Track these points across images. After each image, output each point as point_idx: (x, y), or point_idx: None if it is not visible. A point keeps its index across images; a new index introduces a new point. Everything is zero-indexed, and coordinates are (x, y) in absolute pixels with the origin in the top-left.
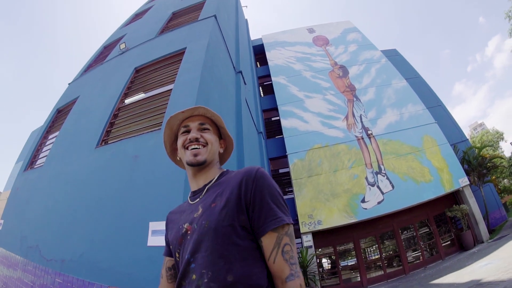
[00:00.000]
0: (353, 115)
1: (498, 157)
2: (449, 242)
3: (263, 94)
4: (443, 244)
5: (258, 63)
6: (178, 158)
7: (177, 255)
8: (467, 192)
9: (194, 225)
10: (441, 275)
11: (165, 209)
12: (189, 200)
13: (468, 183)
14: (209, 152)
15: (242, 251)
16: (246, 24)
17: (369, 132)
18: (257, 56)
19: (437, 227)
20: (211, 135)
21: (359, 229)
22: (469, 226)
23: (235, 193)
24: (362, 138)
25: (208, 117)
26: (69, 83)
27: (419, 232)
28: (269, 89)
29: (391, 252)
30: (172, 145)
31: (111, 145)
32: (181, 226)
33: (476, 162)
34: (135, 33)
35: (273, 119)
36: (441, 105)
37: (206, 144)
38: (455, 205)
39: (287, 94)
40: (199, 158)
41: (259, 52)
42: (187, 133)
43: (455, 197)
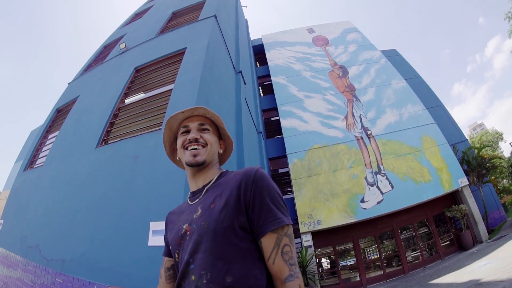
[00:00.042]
0: (353, 115)
1: (497, 158)
2: (448, 242)
3: (262, 94)
4: (442, 244)
5: (258, 63)
6: (178, 158)
7: (177, 255)
8: (466, 192)
9: (193, 226)
10: (440, 275)
11: (165, 209)
12: (188, 200)
13: (468, 183)
14: (208, 152)
15: (241, 252)
16: (246, 24)
17: (368, 132)
18: (257, 56)
19: (436, 227)
20: (210, 136)
21: (359, 229)
22: (468, 226)
23: (234, 194)
24: (362, 138)
25: (208, 118)
26: (69, 83)
27: (418, 232)
28: (268, 89)
29: (390, 252)
30: (172, 145)
31: (111, 145)
32: (180, 227)
33: (476, 162)
34: (135, 32)
35: (272, 119)
36: (440, 106)
37: (206, 145)
38: (454, 205)
39: (286, 94)
40: (198, 158)
41: (258, 52)
42: (186, 133)
43: (454, 197)
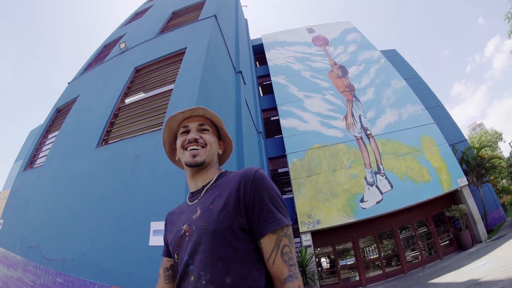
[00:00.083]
0: (352, 115)
1: (496, 158)
2: (448, 242)
3: (262, 93)
4: (441, 244)
5: (258, 63)
6: (177, 158)
7: (176, 256)
8: (466, 192)
9: (193, 226)
10: (439, 274)
11: (166, 209)
12: (187, 201)
13: (467, 183)
14: (208, 153)
15: (241, 253)
16: (246, 23)
17: (368, 132)
18: (257, 55)
19: (435, 227)
20: (210, 136)
21: (358, 229)
22: (467, 226)
23: (233, 195)
24: (361, 138)
25: (207, 118)
26: (68, 83)
27: (417, 232)
28: (268, 89)
29: (389, 251)
30: (171, 145)
31: (111, 145)
32: (179, 227)
33: (475, 162)
34: (135, 32)
35: (272, 118)
36: (440, 106)
37: (205, 145)
38: (453, 205)
39: (286, 94)
40: (197, 159)
41: (258, 52)
42: (186, 133)
43: (453, 197)
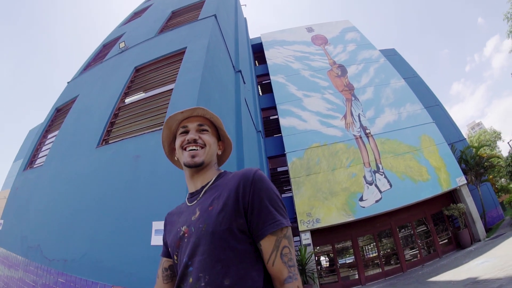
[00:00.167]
0: (352, 114)
1: (495, 157)
2: (447, 241)
3: (261, 92)
4: (440, 243)
5: (257, 62)
6: (176, 159)
7: (176, 257)
8: (465, 191)
9: (192, 228)
10: (438, 273)
11: (167, 208)
12: (187, 201)
13: (466, 182)
14: (207, 153)
15: (239, 254)
16: (245, 22)
17: (367, 131)
18: (256, 54)
19: (434, 225)
20: (209, 137)
21: (357, 227)
22: (466, 224)
23: (232, 196)
24: (360, 137)
25: (207, 118)
26: (68, 82)
27: (416, 231)
28: (267, 88)
29: (389, 250)
30: (170, 145)
31: (111, 144)
32: (179, 229)
33: (474, 161)
34: (135, 31)
35: (271, 117)
36: (439, 105)
37: (204, 146)
38: (452, 204)
39: (285, 93)
40: (196, 159)
41: (257, 51)
42: (185, 133)
43: (452, 196)
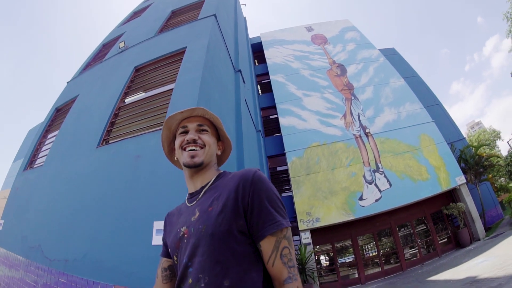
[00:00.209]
0: (351, 113)
1: (494, 156)
2: (446, 240)
3: (261, 92)
4: (440, 242)
5: (256, 61)
6: (176, 159)
7: (175, 258)
8: (464, 190)
9: (191, 229)
10: (437, 271)
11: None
12: (186, 202)
13: (465, 181)
14: (206, 154)
15: (239, 255)
16: (245, 22)
17: (366, 130)
18: (255, 54)
19: (434, 224)
20: (209, 137)
21: (357, 227)
22: (465, 224)
23: (232, 197)
24: (360, 137)
25: (206, 118)
26: (67, 82)
27: (416, 230)
28: (267, 87)
29: (388, 249)
30: (170, 145)
31: (112, 144)
32: (178, 229)
33: (473, 161)
34: (134, 31)
35: (271, 117)
36: (438, 104)
37: (204, 146)
38: (452, 203)
39: (285, 92)
40: (196, 160)
41: (257, 50)
42: (185, 133)
43: (452, 195)
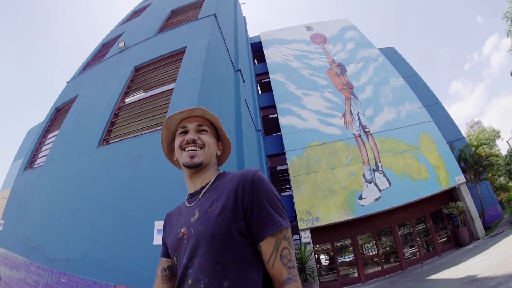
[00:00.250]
0: (351, 113)
1: (494, 155)
2: (446, 239)
3: (261, 91)
4: (439, 241)
5: (256, 61)
6: (175, 159)
7: (175, 258)
8: (463, 189)
9: (191, 229)
10: (437, 271)
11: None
12: (186, 202)
13: (465, 180)
14: (206, 154)
15: (239, 256)
16: (244, 21)
17: (366, 129)
18: (255, 53)
19: (433, 223)
20: (208, 137)
21: (357, 226)
22: (465, 223)
23: (231, 198)
24: (360, 136)
25: (206, 119)
26: (67, 82)
27: (415, 229)
28: (267, 87)
29: (388, 248)
30: (170, 145)
31: (112, 144)
32: (178, 230)
33: (473, 160)
34: (134, 31)
35: (271, 116)
36: (438, 103)
37: (203, 146)
38: (451, 202)
39: (285, 92)
40: (195, 160)
41: (256, 50)
42: (184, 134)
43: (451, 194)
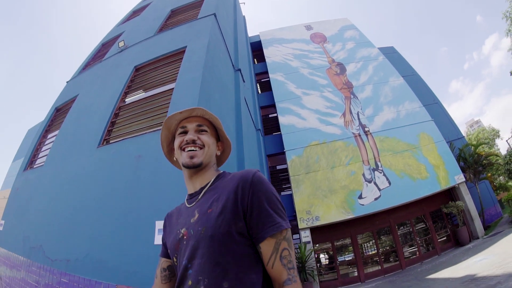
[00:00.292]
0: (350, 112)
1: (493, 155)
2: (445, 238)
3: (260, 91)
4: (439, 240)
5: (256, 60)
6: (175, 159)
7: (175, 259)
8: (463, 189)
9: (191, 230)
10: (437, 270)
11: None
12: (186, 203)
13: (464, 180)
14: (205, 154)
15: (239, 257)
16: (244, 20)
17: (366, 129)
18: (255, 52)
19: (433, 223)
20: (208, 137)
21: (356, 225)
22: (464, 222)
23: (231, 199)
24: (359, 135)
25: (206, 119)
26: (67, 81)
27: (415, 228)
28: (266, 86)
29: (388, 247)
30: (169, 145)
31: (113, 144)
32: (178, 231)
33: (472, 159)
34: (134, 30)
35: (270, 115)
36: (437, 103)
37: (203, 147)
38: (451, 202)
39: (284, 91)
40: (195, 160)
41: (256, 49)
42: (184, 134)
43: (451, 193)
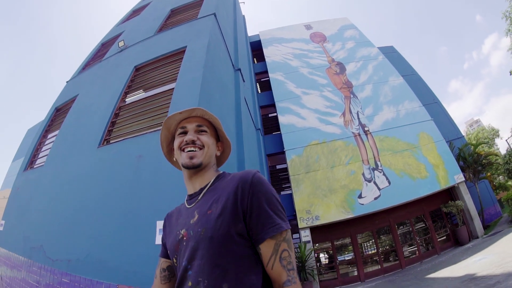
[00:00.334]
0: (350, 111)
1: (493, 154)
2: (445, 237)
3: (260, 90)
4: (438, 239)
5: (255, 60)
6: (175, 159)
7: (175, 260)
8: (463, 188)
9: (190, 231)
10: (436, 269)
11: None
12: (185, 203)
13: (464, 179)
14: (205, 155)
15: (238, 258)
16: (244, 20)
17: (366, 128)
18: (254, 52)
19: (432, 222)
20: (208, 138)
21: (356, 224)
22: (464, 221)
23: (231, 200)
24: (359, 135)
25: (205, 119)
26: (67, 81)
27: (415, 227)
28: (266, 86)
29: (387, 247)
30: (169, 145)
31: (113, 144)
32: (178, 231)
33: (472, 159)
34: (134, 30)
35: (270, 115)
36: (437, 102)
37: (203, 147)
38: (450, 201)
39: (284, 91)
40: (195, 161)
41: (256, 49)
42: (184, 134)
43: (450, 193)
